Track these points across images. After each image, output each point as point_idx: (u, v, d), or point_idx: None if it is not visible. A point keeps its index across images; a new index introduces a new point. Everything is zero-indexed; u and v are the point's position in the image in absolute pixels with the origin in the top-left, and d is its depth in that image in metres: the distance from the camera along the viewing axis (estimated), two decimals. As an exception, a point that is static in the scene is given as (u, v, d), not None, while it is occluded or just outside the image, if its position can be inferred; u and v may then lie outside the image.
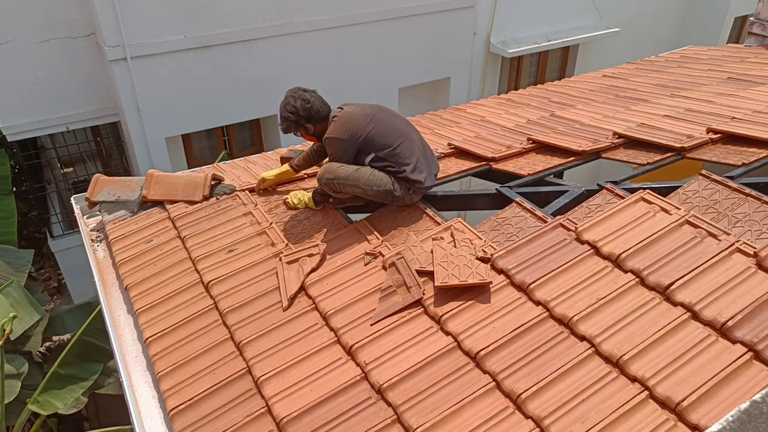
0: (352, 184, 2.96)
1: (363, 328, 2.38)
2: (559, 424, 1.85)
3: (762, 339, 1.90)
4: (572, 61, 9.99)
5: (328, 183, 3.00)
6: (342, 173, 2.96)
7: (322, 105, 3.07)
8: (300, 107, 3.01)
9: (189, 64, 6.43)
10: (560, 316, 2.19)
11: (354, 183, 2.96)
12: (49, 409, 4.45)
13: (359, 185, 2.96)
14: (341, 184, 2.97)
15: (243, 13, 6.48)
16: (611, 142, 3.74)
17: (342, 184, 2.97)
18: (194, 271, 2.98)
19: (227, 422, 2.16)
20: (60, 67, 6.46)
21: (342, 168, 2.97)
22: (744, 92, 4.68)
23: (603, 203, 2.81)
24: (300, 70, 7.03)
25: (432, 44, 7.93)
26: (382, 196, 3.01)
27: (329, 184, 3.00)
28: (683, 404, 1.79)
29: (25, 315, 4.55)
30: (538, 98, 5.33)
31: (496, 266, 2.51)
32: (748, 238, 2.44)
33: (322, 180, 3.01)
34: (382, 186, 2.96)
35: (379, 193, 2.98)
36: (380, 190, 2.97)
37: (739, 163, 3.18)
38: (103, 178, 3.66)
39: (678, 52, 6.81)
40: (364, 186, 2.96)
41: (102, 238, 3.51)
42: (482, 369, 2.10)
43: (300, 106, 3.00)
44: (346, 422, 2.05)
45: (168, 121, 6.59)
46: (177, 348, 2.53)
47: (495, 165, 3.68)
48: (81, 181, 7.85)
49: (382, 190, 2.97)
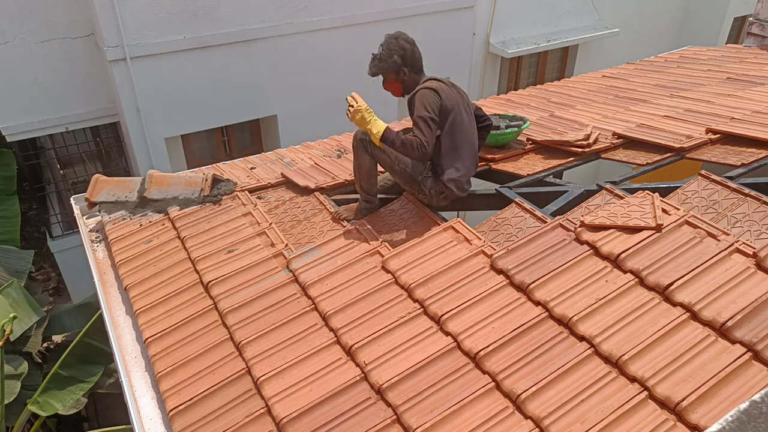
0: (382, 149, 2.88)
1: (363, 329, 2.38)
2: (558, 424, 1.85)
3: (761, 339, 1.91)
4: (572, 61, 9.99)
5: (362, 139, 2.91)
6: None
7: (420, 56, 3.02)
8: (409, 50, 2.95)
9: (189, 65, 6.43)
10: (560, 317, 2.19)
11: (385, 147, 2.87)
12: (48, 410, 4.44)
13: (389, 153, 2.89)
14: (373, 144, 2.87)
15: (242, 14, 6.47)
16: (611, 143, 3.74)
17: (374, 145, 2.87)
18: (194, 271, 2.98)
19: (227, 422, 2.16)
20: (59, 68, 6.46)
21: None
22: (743, 92, 4.68)
23: (602, 203, 2.81)
24: (300, 71, 7.03)
25: (432, 44, 7.90)
26: (407, 180, 2.95)
27: (363, 141, 2.91)
28: (683, 404, 1.79)
29: (24, 315, 4.55)
30: (537, 98, 5.34)
31: (495, 266, 2.51)
32: (747, 238, 2.45)
33: (358, 135, 2.93)
34: (409, 168, 2.91)
35: (405, 173, 2.92)
36: (407, 171, 2.92)
37: (738, 164, 3.18)
38: (102, 178, 3.66)
39: (677, 53, 6.81)
40: (394, 157, 2.90)
41: (101, 239, 3.50)
42: (482, 369, 2.10)
43: (409, 49, 2.95)
44: (346, 422, 2.05)
45: (167, 121, 6.58)
46: (176, 348, 2.53)
47: (494, 165, 3.69)
48: (80, 182, 7.84)
49: (409, 173, 2.92)
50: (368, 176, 3.02)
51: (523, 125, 3.85)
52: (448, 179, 2.95)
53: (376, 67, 3.00)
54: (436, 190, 2.97)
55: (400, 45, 2.95)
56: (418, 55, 3.00)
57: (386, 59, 2.96)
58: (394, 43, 2.95)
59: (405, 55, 2.95)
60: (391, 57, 2.95)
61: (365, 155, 2.95)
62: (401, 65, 2.97)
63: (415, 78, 3.02)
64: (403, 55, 2.95)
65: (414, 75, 3.02)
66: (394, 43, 2.95)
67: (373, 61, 2.99)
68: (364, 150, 2.93)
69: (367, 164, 2.97)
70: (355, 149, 2.97)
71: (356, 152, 2.98)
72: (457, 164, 2.96)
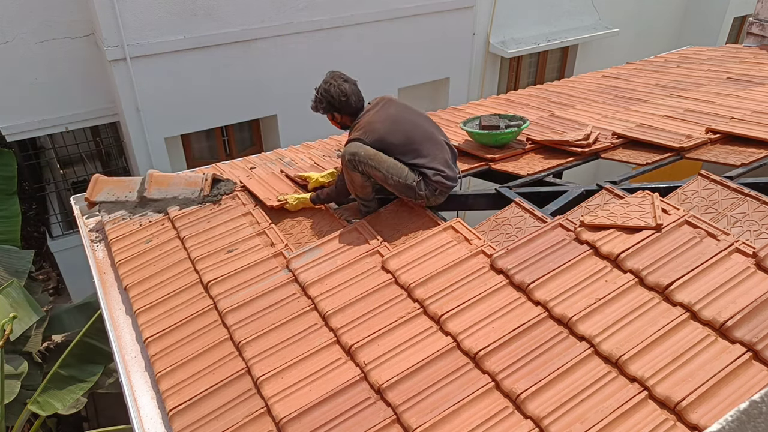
0: (373, 166, 2.91)
1: (362, 328, 2.38)
2: (558, 424, 1.85)
3: (761, 339, 1.91)
4: (571, 61, 9.99)
5: (351, 160, 2.93)
6: (366, 151, 2.92)
7: (356, 101, 3.08)
8: (336, 96, 3.03)
9: (188, 65, 6.43)
10: (560, 316, 2.19)
11: (375, 165, 2.91)
12: (48, 410, 4.44)
13: (380, 169, 2.92)
14: (363, 163, 2.91)
15: (242, 14, 6.48)
16: (610, 142, 3.74)
17: (364, 163, 2.91)
18: (194, 271, 2.98)
19: (227, 422, 2.16)
20: (59, 68, 6.46)
21: (367, 148, 2.94)
22: (743, 92, 4.68)
23: (602, 203, 2.81)
24: (299, 71, 7.03)
25: (431, 44, 7.93)
26: (403, 190, 2.97)
27: (352, 162, 2.93)
28: (682, 404, 1.79)
29: (24, 315, 4.55)
30: (537, 98, 5.34)
31: (495, 266, 2.51)
32: (747, 238, 2.44)
33: (346, 155, 2.95)
34: (403, 178, 2.93)
35: (399, 184, 2.95)
36: (401, 182, 2.94)
37: (738, 164, 3.18)
38: (102, 178, 3.65)
39: (677, 53, 6.81)
40: (386, 172, 2.92)
41: (101, 239, 3.50)
42: (482, 369, 2.10)
43: (336, 95, 3.03)
44: (346, 422, 2.05)
45: (167, 121, 6.58)
46: (176, 348, 2.53)
47: (494, 165, 3.69)
48: (80, 182, 7.85)
49: (403, 182, 2.94)
50: (362, 188, 3.05)
51: (522, 125, 3.85)
52: (434, 176, 2.98)
53: (313, 106, 3.16)
54: (431, 189, 2.99)
55: (328, 92, 3.05)
56: (352, 100, 3.06)
57: (317, 103, 3.12)
58: (323, 88, 3.07)
59: (333, 102, 3.05)
60: (321, 102, 3.09)
61: (356, 173, 2.99)
62: (330, 110, 3.10)
63: (349, 119, 3.13)
64: (331, 102, 3.06)
65: (347, 116, 3.12)
66: (323, 89, 3.07)
67: (313, 101, 3.14)
68: (354, 169, 2.97)
69: (360, 179, 3.01)
70: (345, 168, 3.00)
71: (346, 170, 3.00)
72: (431, 162, 2.99)
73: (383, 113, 3.06)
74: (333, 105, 3.06)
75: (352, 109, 3.08)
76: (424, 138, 3.04)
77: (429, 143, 3.04)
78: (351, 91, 3.05)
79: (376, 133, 2.98)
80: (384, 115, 3.04)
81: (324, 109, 3.11)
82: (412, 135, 3.02)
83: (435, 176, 2.97)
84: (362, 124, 3.04)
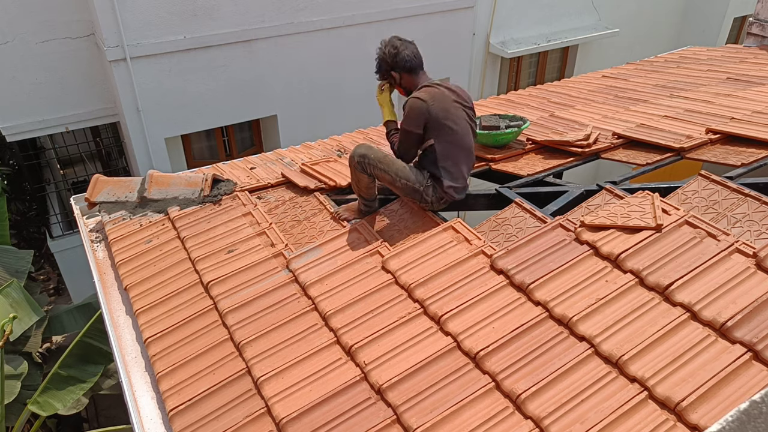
0: (382, 168, 2.89)
1: (363, 329, 2.38)
2: (558, 424, 1.85)
3: (761, 339, 1.91)
4: (571, 61, 10.00)
5: (360, 162, 2.91)
6: (376, 153, 2.90)
7: (412, 56, 3.04)
8: (387, 53, 3.02)
9: (189, 65, 6.43)
10: (560, 317, 2.19)
11: (384, 168, 2.89)
12: (48, 410, 4.45)
13: (389, 172, 2.90)
14: (372, 165, 2.89)
15: (242, 14, 6.48)
16: (611, 143, 3.74)
17: (373, 166, 2.89)
18: (194, 271, 2.97)
19: (227, 423, 2.16)
20: (59, 68, 6.47)
21: (377, 150, 2.92)
22: (743, 93, 4.69)
23: (602, 203, 2.81)
24: (300, 71, 7.03)
25: (431, 44, 7.92)
26: (410, 192, 2.96)
27: (361, 163, 2.91)
28: (683, 404, 1.79)
29: (24, 316, 4.55)
30: (537, 98, 5.34)
31: (495, 266, 2.51)
32: (747, 238, 2.45)
33: (355, 157, 2.92)
34: (411, 182, 2.92)
35: (407, 187, 2.93)
36: (408, 185, 2.93)
37: (738, 164, 3.18)
38: (102, 178, 3.65)
39: (677, 53, 6.81)
40: (394, 174, 2.91)
41: (101, 239, 3.50)
42: (482, 369, 2.10)
43: (388, 52, 3.02)
44: (346, 422, 2.05)
45: (168, 121, 6.59)
46: (176, 348, 2.53)
47: (494, 165, 3.69)
48: (81, 182, 7.86)
49: (410, 186, 2.93)
50: (367, 188, 3.05)
51: (523, 125, 3.85)
52: (447, 186, 2.98)
53: (377, 74, 3.15)
54: (437, 197, 3.00)
55: (384, 52, 3.04)
56: (405, 54, 3.03)
57: (378, 67, 3.10)
58: (380, 51, 3.06)
59: (391, 61, 3.04)
60: (380, 66, 3.09)
61: (363, 174, 2.96)
62: (389, 70, 3.07)
63: (410, 79, 3.08)
64: (388, 61, 3.04)
65: (408, 76, 3.08)
66: (379, 52, 3.06)
67: (376, 69, 3.13)
68: (362, 171, 2.95)
69: (366, 181, 3.00)
70: (353, 169, 2.98)
71: (354, 171, 2.98)
72: (453, 170, 2.98)
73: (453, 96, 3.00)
74: (390, 63, 3.03)
75: (405, 64, 3.03)
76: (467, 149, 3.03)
77: (464, 153, 3.02)
78: (404, 46, 3.03)
79: (442, 105, 2.91)
80: (451, 102, 2.98)
81: (383, 72, 3.08)
82: (461, 141, 2.99)
83: (448, 188, 2.97)
84: (430, 91, 2.96)
